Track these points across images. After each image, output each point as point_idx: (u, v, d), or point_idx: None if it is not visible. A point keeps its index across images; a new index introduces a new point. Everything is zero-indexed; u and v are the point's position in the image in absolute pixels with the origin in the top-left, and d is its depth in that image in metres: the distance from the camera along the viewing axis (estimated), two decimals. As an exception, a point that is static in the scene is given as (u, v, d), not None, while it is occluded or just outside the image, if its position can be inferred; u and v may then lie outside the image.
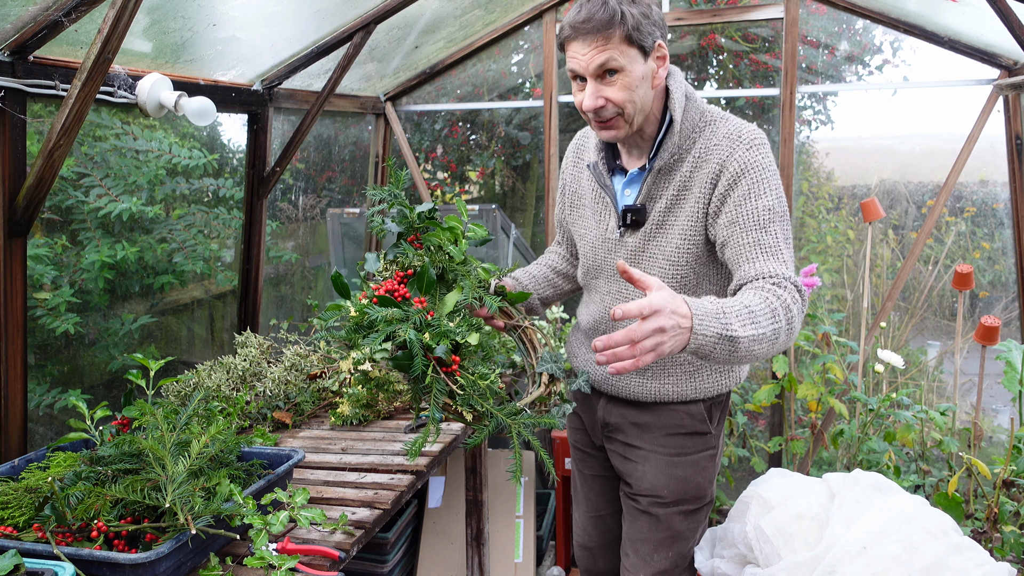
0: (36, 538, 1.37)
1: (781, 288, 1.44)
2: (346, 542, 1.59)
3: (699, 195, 1.59)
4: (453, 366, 1.39)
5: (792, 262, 1.54)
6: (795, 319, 1.42)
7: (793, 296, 1.44)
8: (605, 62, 1.51)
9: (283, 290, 3.22)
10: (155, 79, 2.04)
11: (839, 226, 3.52)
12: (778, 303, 1.40)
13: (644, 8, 1.51)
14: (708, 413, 1.76)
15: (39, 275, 2.08)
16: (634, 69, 1.52)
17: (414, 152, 3.73)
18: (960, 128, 2.96)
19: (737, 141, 1.56)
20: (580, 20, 1.50)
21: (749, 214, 1.53)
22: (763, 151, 1.56)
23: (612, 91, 1.53)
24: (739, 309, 1.34)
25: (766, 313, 1.36)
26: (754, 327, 1.33)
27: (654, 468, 1.76)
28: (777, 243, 1.51)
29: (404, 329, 1.35)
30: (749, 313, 1.34)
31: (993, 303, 3.19)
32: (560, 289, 1.99)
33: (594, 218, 1.76)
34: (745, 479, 3.15)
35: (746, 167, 1.54)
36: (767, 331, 1.35)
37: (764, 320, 1.35)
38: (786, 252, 1.52)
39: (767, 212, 1.52)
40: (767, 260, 1.50)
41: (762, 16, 3.06)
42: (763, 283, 1.45)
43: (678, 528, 1.78)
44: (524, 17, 3.31)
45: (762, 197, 1.53)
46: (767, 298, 1.40)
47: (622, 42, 1.50)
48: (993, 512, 2.23)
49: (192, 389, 2.22)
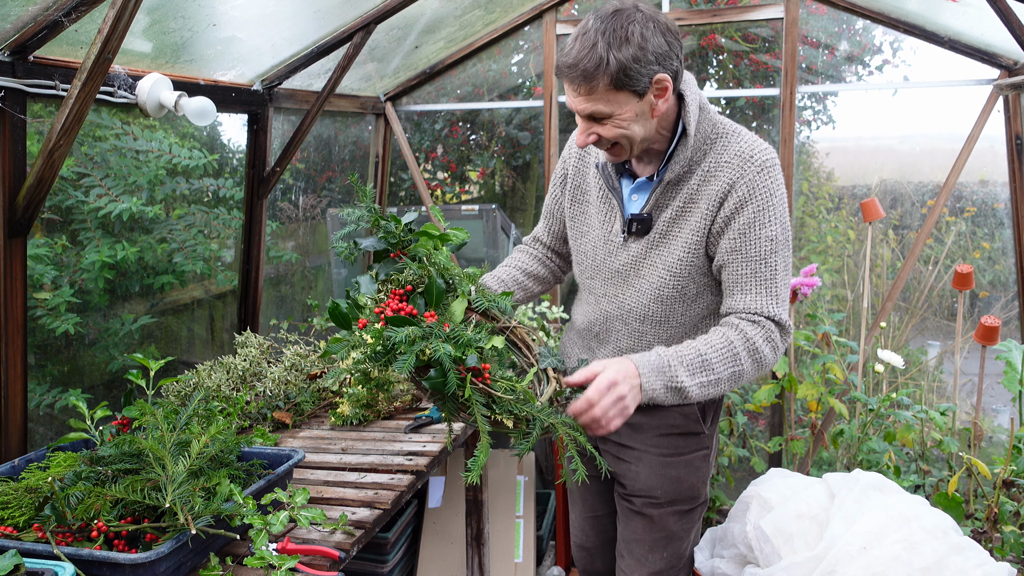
0: (36, 538, 1.37)
1: (757, 326, 1.53)
2: (346, 542, 1.59)
3: (705, 211, 1.58)
4: (485, 375, 1.35)
5: (786, 293, 1.58)
6: (766, 357, 1.53)
7: (767, 334, 1.53)
8: (591, 111, 1.48)
9: (283, 290, 3.22)
10: (155, 79, 2.04)
11: (839, 226, 3.52)
12: (742, 345, 1.51)
13: (636, 49, 1.41)
14: (701, 413, 1.75)
15: (39, 275, 2.08)
16: (624, 112, 1.47)
17: (414, 152, 3.73)
18: (960, 128, 2.96)
19: (748, 162, 1.54)
20: (567, 64, 1.45)
21: (751, 244, 1.54)
22: (773, 175, 1.55)
23: (604, 130, 1.51)
24: (692, 357, 1.49)
25: (725, 358, 1.50)
26: (705, 374, 1.48)
27: (648, 468, 1.76)
28: (774, 275, 1.55)
29: (434, 346, 1.30)
30: (702, 361, 1.48)
31: (993, 303, 3.19)
32: (530, 291, 1.93)
33: (598, 218, 1.74)
34: (745, 479, 3.15)
35: (754, 191, 1.53)
36: (723, 375, 1.49)
37: (720, 365, 1.49)
38: (781, 284, 1.56)
39: (769, 243, 1.54)
40: (758, 295, 1.55)
41: (762, 16, 3.06)
42: (741, 322, 1.55)
43: (672, 528, 1.78)
44: (524, 17, 3.31)
45: (766, 226, 1.53)
46: (732, 341, 1.51)
47: (608, 90, 1.44)
48: (993, 512, 2.23)
49: (192, 389, 2.22)
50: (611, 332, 1.75)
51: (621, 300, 1.71)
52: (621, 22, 1.43)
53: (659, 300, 1.65)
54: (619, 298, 1.71)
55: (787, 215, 1.57)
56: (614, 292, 1.72)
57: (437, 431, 2.24)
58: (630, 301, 1.69)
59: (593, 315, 1.78)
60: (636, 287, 1.68)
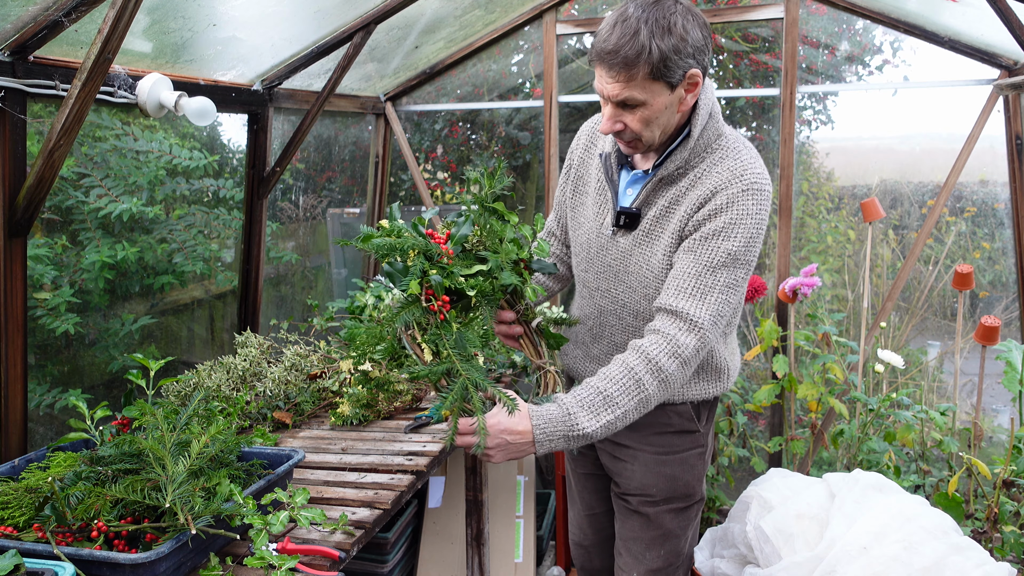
0: (36, 538, 1.37)
1: (663, 339, 1.49)
2: (346, 542, 1.59)
3: (683, 213, 1.57)
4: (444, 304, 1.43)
5: (720, 308, 1.52)
6: (671, 375, 1.49)
7: (673, 348, 1.48)
8: (625, 98, 1.48)
9: (283, 290, 3.22)
10: (155, 79, 2.04)
11: (839, 226, 3.52)
12: (644, 369, 1.47)
13: (678, 40, 1.43)
14: (696, 412, 1.76)
15: (39, 275, 2.08)
16: (656, 102, 1.48)
17: (414, 152, 3.73)
18: (960, 128, 2.95)
19: (737, 179, 1.53)
20: (607, 50, 1.44)
21: (708, 250, 1.52)
22: (757, 199, 1.52)
23: (631, 119, 1.51)
24: (592, 398, 1.46)
25: (627, 389, 1.47)
26: (610, 411, 1.45)
27: (643, 467, 1.76)
28: (714, 285, 1.51)
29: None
30: (604, 399, 1.46)
31: (993, 303, 3.19)
32: (550, 290, 1.96)
33: (593, 209, 1.74)
34: (745, 479, 3.15)
35: (730, 205, 1.51)
36: (628, 407, 1.47)
37: (623, 397, 1.46)
38: (718, 297, 1.51)
39: (725, 255, 1.51)
40: (690, 296, 1.51)
41: (762, 16, 3.06)
42: (645, 339, 1.51)
43: (669, 526, 1.78)
44: (524, 17, 3.31)
45: (730, 239, 1.51)
46: (632, 368, 1.47)
47: (646, 79, 1.45)
48: (993, 512, 2.23)
49: (192, 389, 2.22)
50: (605, 327, 1.75)
51: (614, 295, 1.71)
52: (664, 12, 1.43)
53: (648, 298, 1.65)
54: (612, 293, 1.71)
55: (757, 242, 1.53)
56: (607, 286, 1.72)
57: (437, 431, 2.24)
58: (622, 296, 1.69)
59: (588, 309, 1.79)
60: (626, 283, 1.68)
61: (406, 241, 1.45)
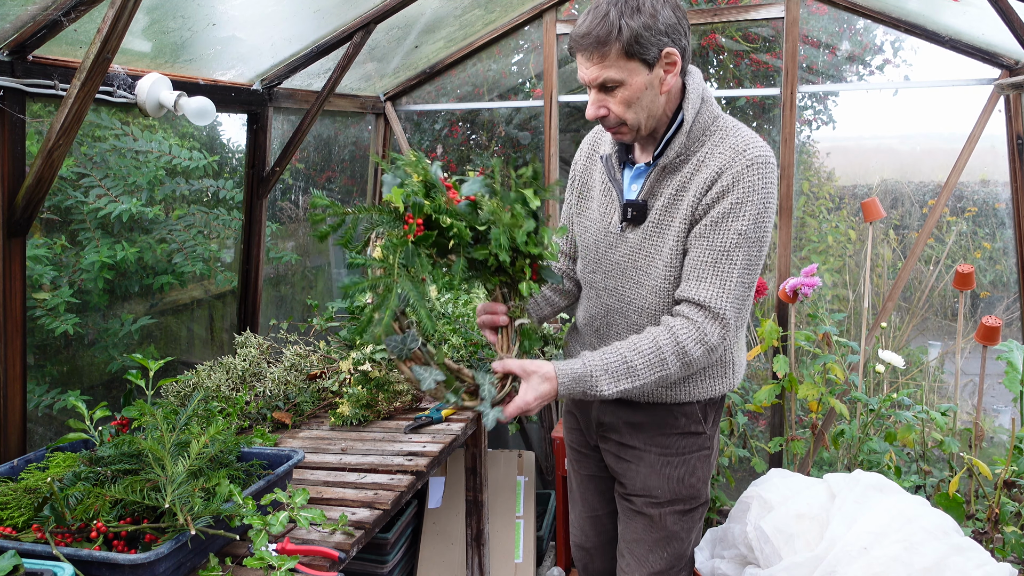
0: (35, 538, 1.37)
1: (692, 325, 1.54)
2: (346, 542, 1.59)
3: (692, 199, 1.58)
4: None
5: (741, 291, 1.57)
6: (694, 359, 1.55)
7: (700, 335, 1.54)
8: (603, 79, 1.52)
9: (283, 290, 3.22)
10: (154, 79, 2.04)
11: (840, 226, 3.52)
12: (671, 349, 1.53)
13: (648, 18, 1.47)
14: (703, 413, 1.75)
15: (38, 275, 2.08)
16: (634, 81, 1.52)
17: (414, 152, 3.73)
18: (961, 128, 2.95)
19: (740, 155, 1.55)
20: (580, 34, 1.51)
21: (719, 234, 1.54)
22: (762, 172, 1.54)
23: (613, 103, 1.55)
24: (617, 365, 1.53)
25: (650, 363, 1.53)
26: (629, 380, 1.53)
27: (648, 468, 1.76)
28: (732, 270, 1.55)
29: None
30: (627, 369, 1.53)
31: (994, 303, 3.19)
32: (557, 307, 1.94)
33: (599, 210, 1.75)
34: (745, 479, 3.15)
35: (737, 183, 1.53)
36: (648, 381, 1.54)
37: (645, 371, 1.53)
38: (738, 281, 1.55)
39: (737, 236, 1.53)
40: (711, 285, 1.55)
41: (762, 16, 3.05)
42: (676, 320, 1.57)
43: (673, 528, 1.77)
44: (524, 17, 3.31)
45: (739, 219, 1.53)
46: (660, 346, 1.53)
47: (620, 57, 1.49)
48: (994, 512, 2.23)
49: (192, 389, 2.22)
50: (611, 326, 1.75)
51: (621, 293, 1.71)
52: None
53: (655, 292, 1.65)
54: (619, 291, 1.72)
55: (767, 215, 1.55)
56: (614, 285, 1.72)
57: (437, 431, 2.24)
58: (629, 294, 1.70)
59: (594, 309, 1.79)
60: (634, 279, 1.68)
61: (420, 162, 1.47)
